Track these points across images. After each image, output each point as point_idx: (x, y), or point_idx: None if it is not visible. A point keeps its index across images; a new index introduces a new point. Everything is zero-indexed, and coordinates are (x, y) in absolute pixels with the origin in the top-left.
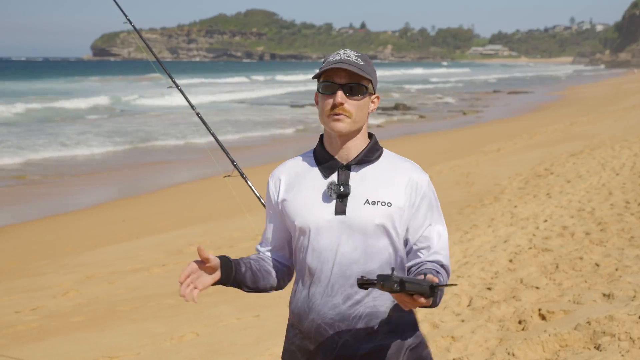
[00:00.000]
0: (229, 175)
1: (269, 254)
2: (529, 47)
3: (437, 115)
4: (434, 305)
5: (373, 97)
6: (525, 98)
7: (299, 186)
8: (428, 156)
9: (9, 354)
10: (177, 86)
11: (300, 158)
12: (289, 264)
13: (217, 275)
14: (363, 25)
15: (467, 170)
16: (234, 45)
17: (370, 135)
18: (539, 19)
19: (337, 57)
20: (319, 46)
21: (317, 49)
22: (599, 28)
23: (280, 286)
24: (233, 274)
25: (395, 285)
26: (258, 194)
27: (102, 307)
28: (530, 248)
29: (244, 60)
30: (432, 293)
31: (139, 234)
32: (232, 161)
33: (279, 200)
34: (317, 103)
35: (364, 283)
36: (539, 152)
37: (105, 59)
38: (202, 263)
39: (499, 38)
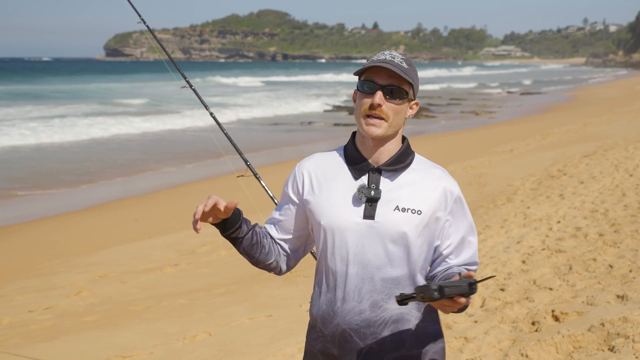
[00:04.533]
0: (242, 175)
1: (275, 233)
2: (541, 48)
3: (449, 116)
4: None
5: (412, 103)
6: (538, 99)
7: (328, 185)
8: (440, 156)
9: (23, 353)
10: (190, 85)
11: (330, 153)
12: (290, 253)
13: (222, 215)
14: (375, 26)
15: (479, 170)
16: (246, 46)
17: (403, 139)
18: (552, 20)
19: (382, 57)
20: (331, 46)
21: (329, 50)
22: (613, 29)
23: (273, 268)
24: (240, 224)
25: (435, 293)
26: (271, 194)
27: (114, 307)
28: (543, 249)
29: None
30: (471, 290)
31: (151, 233)
32: (246, 161)
33: (305, 195)
34: (354, 101)
35: (403, 299)
36: (552, 153)
37: (118, 59)
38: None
39: (511, 39)
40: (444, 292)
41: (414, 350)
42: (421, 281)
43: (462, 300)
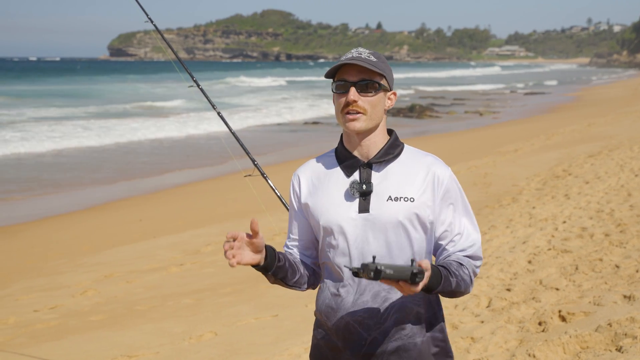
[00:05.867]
0: (250, 175)
1: (297, 251)
2: (545, 48)
3: (453, 116)
4: (430, 290)
5: (389, 93)
6: (542, 99)
7: (322, 186)
8: (445, 156)
9: (28, 353)
10: (198, 85)
11: (322, 157)
12: (316, 262)
13: (259, 258)
14: (379, 26)
15: (484, 170)
16: (250, 46)
17: (390, 132)
18: (556, 20)
19: (349, 55)
20: (335, 46)
21: (333, 50)
22: (617, 29)
23: (310, 284)
24: (276, 262)
25: (371, 273)
26: (279, 193)
27: (120, 306)
28: (549, 249)
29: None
30: (414, 279)
31: (156, 233)
32: (253, 160)
33: (303, 200)
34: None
35: (352, 271)
36: (557, 153)
37: (122, 59)
38: (250, 237)
39: (515, 39)
40: (380, 275)
41: (417, 338)
42: None
43: (408, 286)
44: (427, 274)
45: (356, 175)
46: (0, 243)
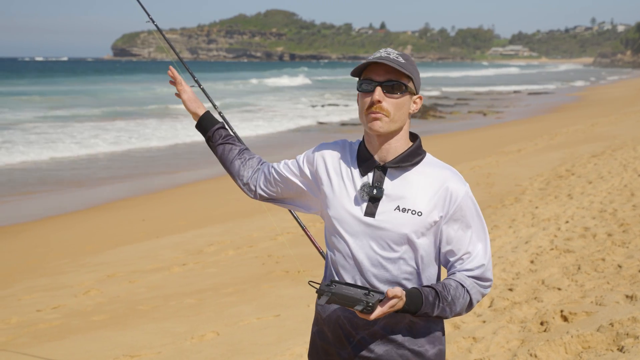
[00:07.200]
0: None
1: (265, 168)
2: (549, 48)
3: (456, 116)
4: (411, 314)
5: (415, 97)
6: (545, 99)
7: (339, 176)
8: (448, 156)
9: (31, 352)
10: (199, 85)
11: (351, 144)
12: (258, 185)
13: (195, 108)
14: (383, 26)
15: (487, 170)
16: (254, 46)
17: (414, 138)
18: (560, 20)
19: (378, 55)
20: (339, 46)
21: (336, 50)
22: (621, 28)
23: (242, 183)
24: (208, 128)
25: (322, 297)
26: None
27: (122, 306)
28: (551, 249)
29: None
30: (362, 310)
31: (159, 233)
32: None
33: (319, 179)
34: (358, 103)
35: (313, 286)
36: (560, 153)
37: (126, 59)
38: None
39: (519, 38)
40: (331, 300)
41: (406, 345)
42: (427, 282)
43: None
44: (391, 303)
45: (369, 177)
46: (3, 243)
